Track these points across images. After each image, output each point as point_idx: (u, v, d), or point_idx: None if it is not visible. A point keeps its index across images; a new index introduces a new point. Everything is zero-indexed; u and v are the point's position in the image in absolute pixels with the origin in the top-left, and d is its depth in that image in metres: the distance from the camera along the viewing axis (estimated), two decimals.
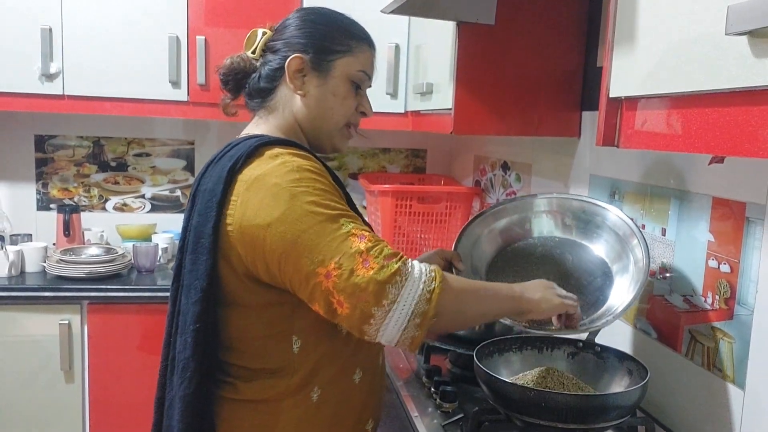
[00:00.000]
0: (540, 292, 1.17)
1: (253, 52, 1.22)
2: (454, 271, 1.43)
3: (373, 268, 0.97)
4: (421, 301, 0.98)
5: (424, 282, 1.00)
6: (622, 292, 1.35)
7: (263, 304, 1.09)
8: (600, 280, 1.42)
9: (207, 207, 1.09)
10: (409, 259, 1.02)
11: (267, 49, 1.22)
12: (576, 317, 1.23)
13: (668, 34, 0.83)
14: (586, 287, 1.42)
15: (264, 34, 1.22)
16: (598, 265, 1.45)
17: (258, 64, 1.22)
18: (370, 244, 0.99)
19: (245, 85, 1.23)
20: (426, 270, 1.02)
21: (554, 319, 1.23)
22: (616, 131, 0.97)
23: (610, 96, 0.95)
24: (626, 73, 0.92)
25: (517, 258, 1.54)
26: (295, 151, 1.10)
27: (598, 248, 1.47)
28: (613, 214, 1.44)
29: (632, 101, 0.93)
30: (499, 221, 1.58)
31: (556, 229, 1.55)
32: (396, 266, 0.98)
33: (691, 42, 0.78)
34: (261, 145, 1.11)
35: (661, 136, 0.86)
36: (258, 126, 1.22)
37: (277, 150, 1.09)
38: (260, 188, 1.04)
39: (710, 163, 1.25)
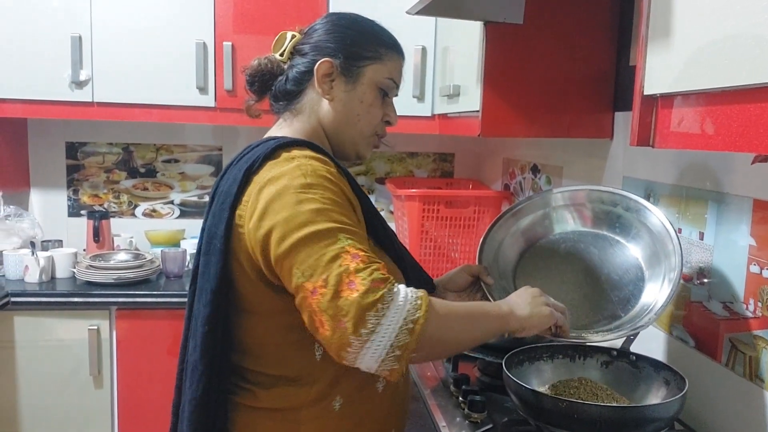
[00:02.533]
0: (528, 306, 1.13)
1: (281, 55, 1.20)
2: (483, 285, 1.39)
3: (357, 291, 0.92)
4: (402, 333, 0.93)
5: (408, 311, 0.94)
6: (656, 287, 1.29)
7: (280, 311, 1.07)
8: (632, 273, 1.36)
9: (221, 208, 1.08)
10: (398, 286, 0.97)
11: (295, 51, 1.20)
12: (565, 328, 1.18)
13: (706, 26, 0.78)
14: (618, 282, 1.37)
15: (293, 36, 1.21)
16: (627, 257, 1.39)
17: (285, 66, 1.20)
18: (361, 265, 0.95)
19: (271, 87, 1.21)
20: (412, 297, 0.96)
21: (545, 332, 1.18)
22: (651, 131, 0.92)
23: (645, 93, 0.91)
24: (661, 69, 0.88)
25: (542, 258, 1.49)
26: (312, 154, 1.07)
27: (624, 238, 1.41)
28: (635, 201, 1.38)
29: (668, 99, 0.88)
30: (521, 221, 1.53)
31: (577, 223, 1.50)
32: (380, 293, 0.93)
33: (731, 34, 0.73)
34: (279, 146, 1.09)
35: (699, 135, 0.82)
36: (281, 129, 1.20)
37: (294, 152, 1.07)
38: (271, 190, 1.02)
39: (753, 162, 1.19)
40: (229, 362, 1.11)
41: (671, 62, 0.85)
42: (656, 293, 1.28)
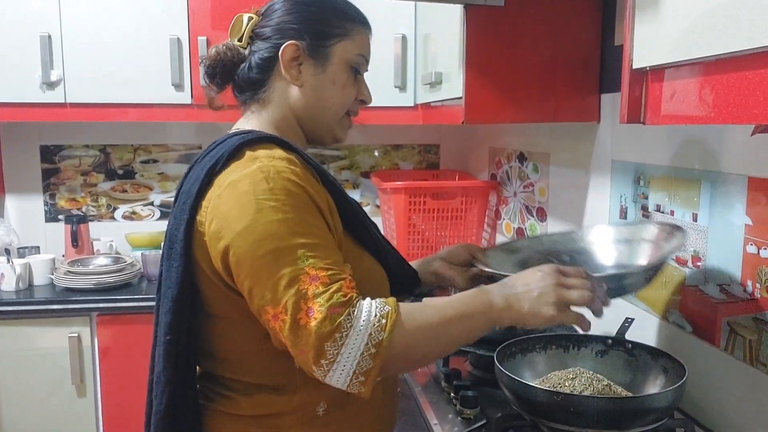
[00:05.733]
0: (528, 303, 0.97)
1: (240, 40, 1.12)
2: (478, 265, 1.29)
3: (316, 318, 0.87)
4: (363, 360, 0.88)
5: (370, 335, 0.88)
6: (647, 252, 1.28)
7: (250, 317, 0.98)
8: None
9: (182, 209, 1.00)
10: (360, 305, 0.90)
11: (255, 36, 1.11)
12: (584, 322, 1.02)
13: None
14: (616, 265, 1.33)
15: (250, 19, 1.11)
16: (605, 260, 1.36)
17: (246, 52, 1.11)
18: (320, 289, 0.89)
19: (233, 77, 1.13)
20: (375, 318, 0.89)
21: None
22: (642, 106, 0.88)
23: (634, 68, 0.86)
24: (651, 40, 0.83)
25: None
26: (278, 154, 0.99)
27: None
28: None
29: (658, 71, 0.84)
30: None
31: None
32: (337, 322, 0.87)
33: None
34: (243, 143, 1.01)
35: (693, 108, 0.77)
36: (249, 121, 1.12)
37: (259, 151, 0.99)
38: (231, 195, 0.95)
39: (753, 133, 1.14)
40: (194, 372, 1.05)
41: (661, 33, 0.80)
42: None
